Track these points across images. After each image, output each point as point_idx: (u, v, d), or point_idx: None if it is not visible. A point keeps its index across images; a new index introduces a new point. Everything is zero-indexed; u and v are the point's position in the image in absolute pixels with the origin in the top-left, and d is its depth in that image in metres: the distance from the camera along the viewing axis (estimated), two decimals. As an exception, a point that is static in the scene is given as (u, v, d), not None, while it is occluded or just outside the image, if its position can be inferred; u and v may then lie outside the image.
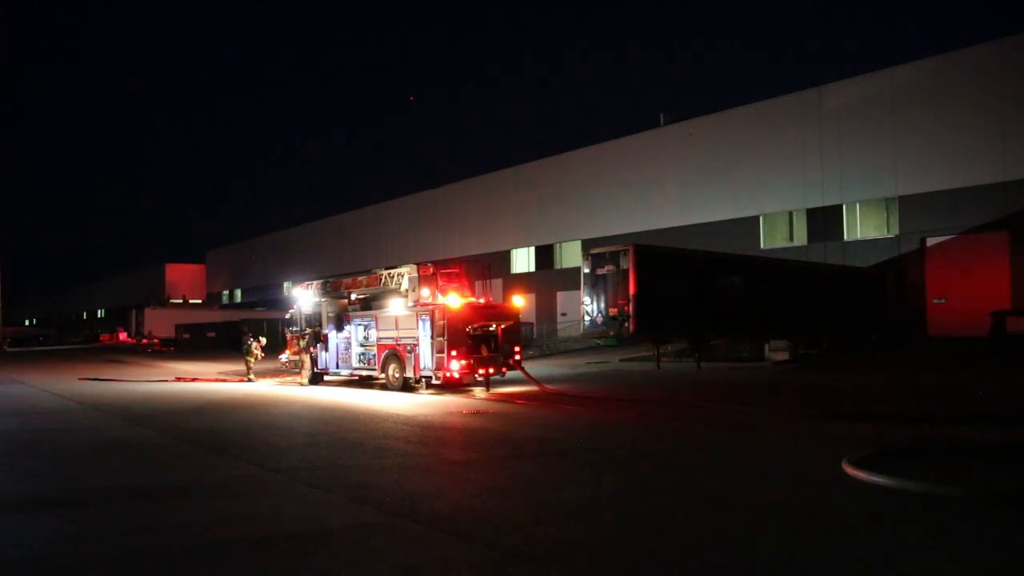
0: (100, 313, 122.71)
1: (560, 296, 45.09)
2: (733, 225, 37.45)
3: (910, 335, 30.00)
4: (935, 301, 30.68)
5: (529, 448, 11.35)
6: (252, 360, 25.58)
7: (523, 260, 50.21)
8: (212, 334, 55.03)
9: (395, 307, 21.02)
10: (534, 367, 23.50)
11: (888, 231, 32.47)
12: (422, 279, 20.41)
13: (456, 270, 21.77)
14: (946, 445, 10.43)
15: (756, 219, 37.01)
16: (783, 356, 25.95)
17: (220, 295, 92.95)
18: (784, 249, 35.13)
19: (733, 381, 21.24)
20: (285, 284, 65.03)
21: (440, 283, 20.61)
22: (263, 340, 26.40)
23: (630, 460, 10.37)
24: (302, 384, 23.42)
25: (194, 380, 26.62)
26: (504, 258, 50.43)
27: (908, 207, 31.61)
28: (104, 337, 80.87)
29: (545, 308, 45.79)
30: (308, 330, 23.75)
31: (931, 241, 31.00)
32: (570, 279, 40.87)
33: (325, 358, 23.28)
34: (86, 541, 6.48)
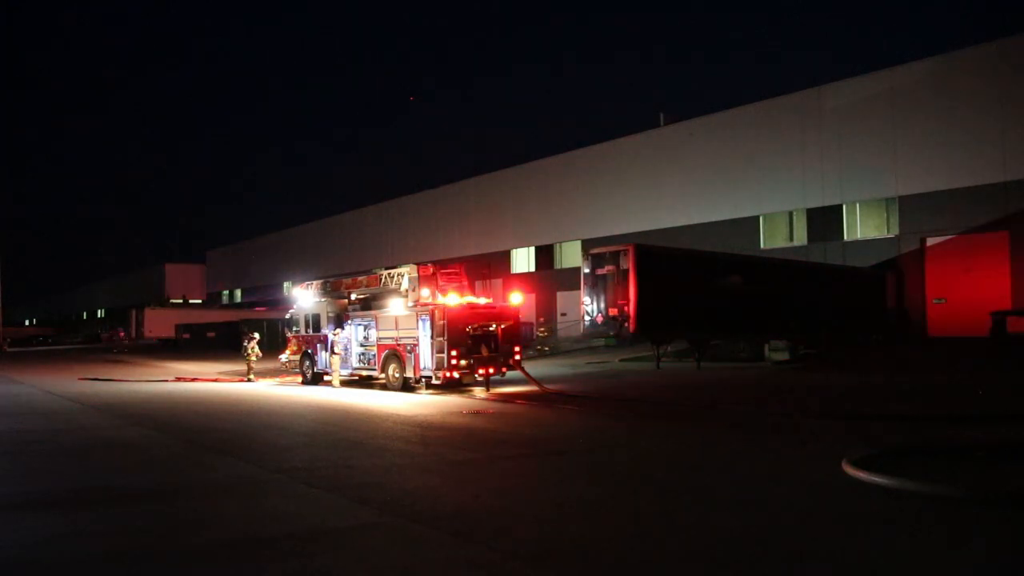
0: (100, 313, 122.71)
1: (560, 296, 45.09)
2: (733, 225, 37.44)
3: (910, 335, 29.99)
4: (935, 301, 30.67)
5: (529, 448, 11.35)
6: (252, 360, 25.57)
7: (523, 260, 50.19)
8: (212, 334, 55.02)
9: (395, 307, 21.00)
10: (534, 367, 23.50)
11: (888, 231, 32.45)
12: (422, 279, 20.40)
13: (456, 270, 21.76)
14: (946, 445, 10.42)
15: (756, 219, 36.99)
16: (783, 356, 25.91)
17: (220, 295, 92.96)
18: (784, 249, 35.10)
19: (733, 381, 21.23)
20: (285, 284, 65.05)
21: (440, 283, 20.60)
22: (256, 335, 26.31)
23: (630, 460, 10.37)
24: (301, 384, 23.42)
25: (194, 380, 26.62)
26: (504, 258, 50.43)
27: (908, 207, 31.59)
28: (104, 337, 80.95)
29: (545, 308, 45.78)
30: (328, 332, 23.11)
31: (931, 241, 30.99)
32: (570, 279, 40.85)
33: (325, 358, 23.28)
34: (86, 541, 6.48)
